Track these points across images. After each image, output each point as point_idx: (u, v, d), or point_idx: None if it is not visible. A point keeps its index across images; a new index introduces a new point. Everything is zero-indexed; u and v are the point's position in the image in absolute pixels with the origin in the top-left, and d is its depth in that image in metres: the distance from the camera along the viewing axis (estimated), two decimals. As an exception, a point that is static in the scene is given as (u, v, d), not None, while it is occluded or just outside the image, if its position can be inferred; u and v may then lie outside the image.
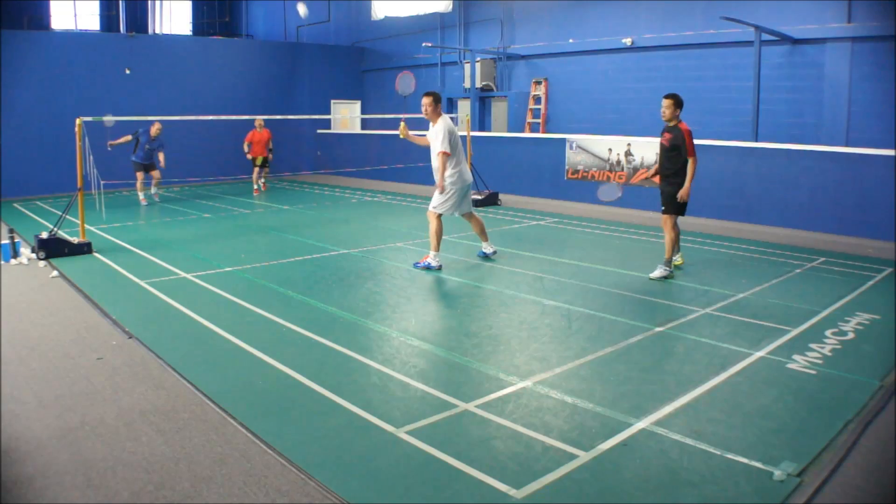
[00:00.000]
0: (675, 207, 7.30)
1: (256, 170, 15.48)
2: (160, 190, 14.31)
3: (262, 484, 3.27)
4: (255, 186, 15.57)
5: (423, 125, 8.47)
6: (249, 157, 15.33)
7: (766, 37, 11.90)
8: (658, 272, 7.32)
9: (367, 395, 4.29)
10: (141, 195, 13.76)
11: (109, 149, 12.64)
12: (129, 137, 13.11)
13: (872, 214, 9.75)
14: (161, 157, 13.43)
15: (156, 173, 13.55)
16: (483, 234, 8.30)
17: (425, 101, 7.72)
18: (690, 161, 7.15)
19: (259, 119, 14.97)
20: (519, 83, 17.36)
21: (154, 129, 13.18)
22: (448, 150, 7.57)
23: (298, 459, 3.48)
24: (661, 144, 7.37)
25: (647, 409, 4.06)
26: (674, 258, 7.58)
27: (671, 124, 7.25)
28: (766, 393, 4.32)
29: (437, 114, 7.70)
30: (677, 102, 7.22)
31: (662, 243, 7.56)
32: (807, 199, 10.56)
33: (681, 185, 7.21)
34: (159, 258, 8.47)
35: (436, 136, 7.60)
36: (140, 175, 13.45)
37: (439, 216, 7.80)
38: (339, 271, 7.78)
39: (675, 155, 7.20)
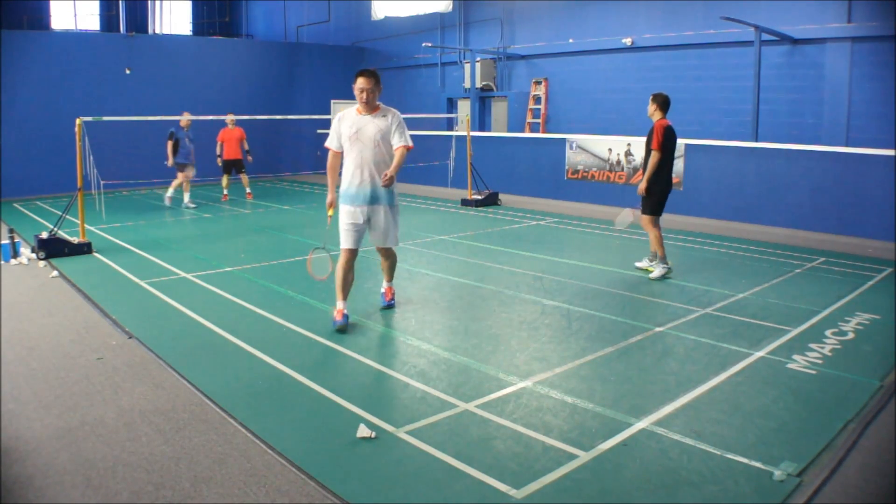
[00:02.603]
0: (651, 207, 7.26)
1: (226, 176, 14.19)
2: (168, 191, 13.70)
3: (263, 484, 3.27)
4: (225, 192, 14.35)
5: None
6: (220, 162, 14.01)
7: (766, 37, 11.90)
8: (657, 272, 7.32)
9: (367, 395, 4.29)
10: (186, 196, 13.10)
11: (175, 165, 12.72)
12: (171, 143, 12.67)
13: (872, 214, 9.75)
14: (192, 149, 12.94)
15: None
16: (387, 273, 6.28)
17: (364, 82, 5.37)
18: (653, 154, 7.09)
19: (230, 116, 14.04)
20: (519, 83, 17.35)
21: (184, 121, 12.66)
22: (412, 144, 5.64)
23: (298, 459, 3.48)
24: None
25: (647, 409, 4.06)
26: (640, 263, 7.60)
27: (653, 122, 7.30)
28: (766, 393, 4.32)
29: (376, 103, 5.54)
30: (654, 99, 7.25)
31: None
32: (807, 199, 10.55)
33: (659, 184, 7.20)
34: (159, 258, 8.47)
35: (392, 128, 5.51)
36: (181, 175, 12.89)
37: (347, 253, 5.88)
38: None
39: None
